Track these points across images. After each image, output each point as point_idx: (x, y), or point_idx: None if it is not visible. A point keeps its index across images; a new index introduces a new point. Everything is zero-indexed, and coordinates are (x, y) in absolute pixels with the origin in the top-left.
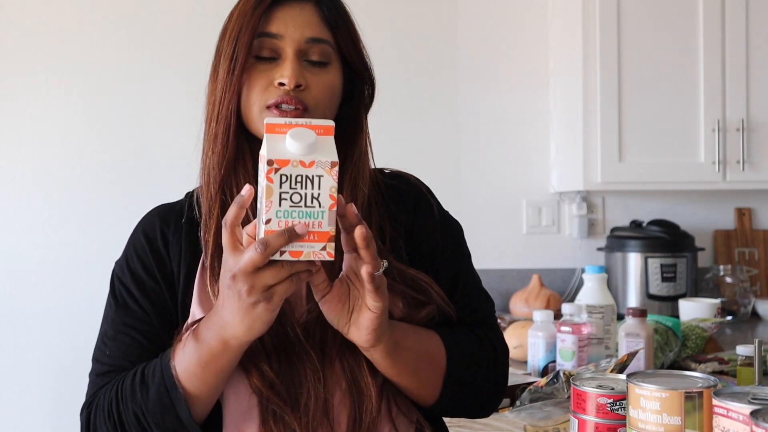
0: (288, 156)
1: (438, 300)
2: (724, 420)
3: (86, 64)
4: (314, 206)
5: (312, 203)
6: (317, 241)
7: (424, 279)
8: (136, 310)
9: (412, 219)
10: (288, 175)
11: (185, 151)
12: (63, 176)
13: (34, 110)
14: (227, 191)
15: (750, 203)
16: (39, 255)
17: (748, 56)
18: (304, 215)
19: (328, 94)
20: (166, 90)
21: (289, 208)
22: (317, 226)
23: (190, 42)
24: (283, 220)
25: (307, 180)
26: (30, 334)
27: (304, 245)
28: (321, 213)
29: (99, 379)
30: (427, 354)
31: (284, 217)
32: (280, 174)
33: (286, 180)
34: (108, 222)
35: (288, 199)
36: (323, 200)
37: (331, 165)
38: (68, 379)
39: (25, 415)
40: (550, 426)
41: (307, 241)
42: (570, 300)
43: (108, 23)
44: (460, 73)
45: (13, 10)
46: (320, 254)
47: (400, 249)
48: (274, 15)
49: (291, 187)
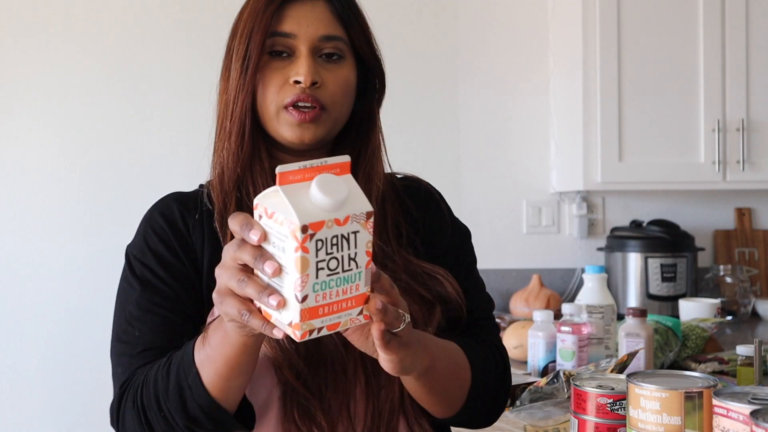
0: (321, 216)
1: (453, 295)
2: (724, 420)
3: (86, 65)
4: (351, 269)
5: (349, 266)
6: (354, 307)
7: (441, 273)
8: (162, 288)
9: (424, 216)
10: (324, 240)
11: (185, 152)
12: (63, 177)
13: (32, 112)
14: (242, 189)
15: (750, 203)
16: (39, 255)
17: (748, 56)
18: (341, 282)
19: (343, 90)
20: (165, 92)
21: (326, 278)
22: (354, 290)
23: (190, 41)
24: (321, 293)
25: (343, 240)
26: (30, 334)
27: (341, 315)
28: (358, 275)
29: (133, 360)
30: (456, 372)
31: (322, 289)
32: (316, 240)
33: (322, 246)
34: (108, 222)
35: (325, 267)
36: (360, 259)
37: (367, 216)
38: (68, 378)
39: (25, 415)
40: (550, 426)
41: (345, 309)
42: (570, 300)
43: (108, 24)
44: (461, 73)
45: (12, 11)
46: (357, 320)
47: (417, 243)
48: (286, 13)
49: (327, 253)
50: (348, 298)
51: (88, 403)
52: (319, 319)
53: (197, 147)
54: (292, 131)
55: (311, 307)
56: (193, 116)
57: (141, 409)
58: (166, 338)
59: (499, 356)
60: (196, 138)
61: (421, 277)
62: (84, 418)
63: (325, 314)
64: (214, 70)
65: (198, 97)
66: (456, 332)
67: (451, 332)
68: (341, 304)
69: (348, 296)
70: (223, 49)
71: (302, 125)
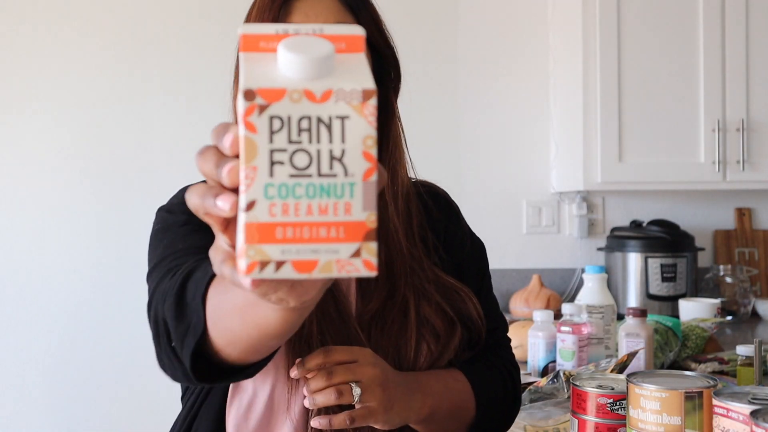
0: (282, 83)
1: (475, 315)
2: (724, 420)
3: (92, 66)
4: (335, 174)
5: (332, 168)
6: (344, 240)
7: (466, 291)
8: (189, 230)
9: (446, 225)
10: (283, 118)
11: (188, 153)
12: (65, 178)
13: (36, 113)
14: None
15: (750, 203)
16: (39, 256)
17: (748, 56)
18: (316, 192)
19: None
20: (169, 94)
21: (289, 181)
22: (342, 211)
23: (190, 44)
24: (280, 201)
25: (320, 126)
26: (32, 335)
27: (318, 249)
28: (348, 187)
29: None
30: (459, 409)
31: (281, 195)
32: (269, 117)
33: (281, 127)
34: (108, 223)
35: (286, 162)
36: (351, 162)
37: (364, 96)
38: (68, 379)
39: (25, 415)
40: (550, 426)
41: (324, 240)
42: (570, 300)
43: (108, 27)
44: (461, 73)
45: (13, 17)
46: (351, 265)
47: (440, 251)
48: (294, 6)
49: (291, 141)
50: (329, 222)
51: (88, 404)
52: (276, 245)
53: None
54: None
55: (262, 223)
56: (197, 117)
57: (151, 316)
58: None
59: (509, 380)
60: (200, 139)
61: (447, 291)
62: (84, 418)
63: (288, 240)
64: (218, 71)
65: (202, 99)
66: (473, 352)
67: (469, 351)
68: (317, 230)
69: (329, 218)
70: (225, 50)
71: None
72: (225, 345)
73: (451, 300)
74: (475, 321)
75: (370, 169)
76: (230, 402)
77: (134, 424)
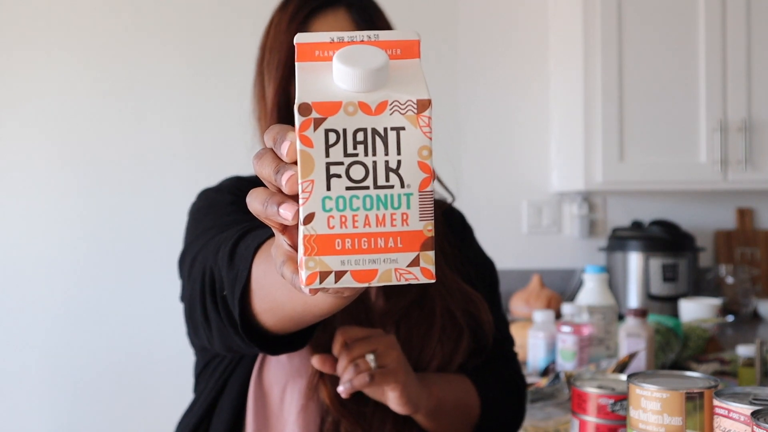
0: (337, 96)
1: (485, 321)
2: (725, 420)
3: (85, 62)
4: (392, 185)
5: (388, 180)
6: (400, 250)
7: (478, 297)
8: (231, 210)
9: (461, 245)
10: (340, 132)
11: (183, 151)
12: (63, 178)
13: (30, 110)
14: None
15: (751, 203)
16: (39, 255)
17: (750, 55)
18: (374, 204)
19: None
20: (164, 90)
21: (346, 193)
22: (399, 222)
23: (191, 43)
24: (338, 214)
25: (375, 138)
26: (30, 335)
27: (377, 259)
28: (405, 198)
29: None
30: (464, 409)
31: (339, 208)
32: (325, 130)
33: (337, 140)
34: (108, 224)
35: (343, 175)
36: (407, 173)
37: (419, 107)
38: (68, 379)
39: (25, 415)
40: (550, 427)
41: (382, 250)
42: (570, 300)
43: (109, 24)
44: (460, 73)
45: (12, 12)
46: (410, 273)
47: (457, 259)
48: (310, 27)
49: (347, 153)
50: (387, 233)
51: (88, 404)
52: (336, 256)
53: (196, 146)
54: None
55: (321, 235)
56: (192, 115)
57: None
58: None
59: (514, 388)
60: (195, 137)
61: (459, 296)
62: (84, 418)
63: (347, 251)
64: (214, 70)
65: (196, 96)
66: (480, 359)
67: (476, 358)
68: (375, 240)
69: (387, 229)
70: (223, 50)
71: None
72: (265, 310)
73: (467, 306)
74: (486, 327)
75: (426, 179)
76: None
77: (134, 423)
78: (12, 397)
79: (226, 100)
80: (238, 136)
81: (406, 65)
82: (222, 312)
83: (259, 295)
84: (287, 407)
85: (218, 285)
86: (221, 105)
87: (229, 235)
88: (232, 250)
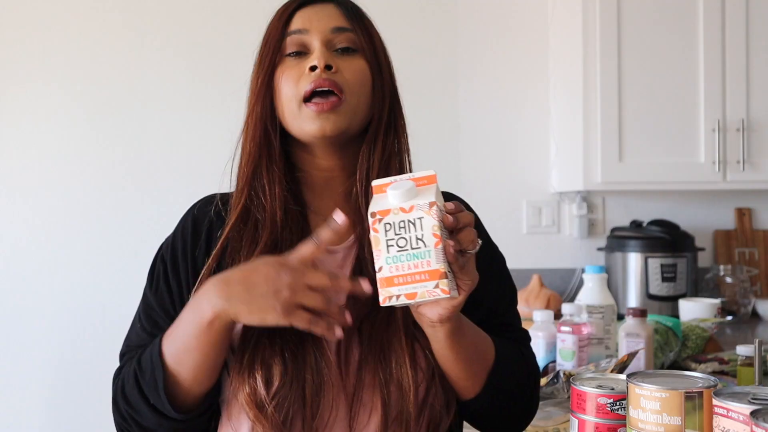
0: (389, 206)
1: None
2: (724, 420)
3: (88, 66)
4: (420, 247)
5: (417, 245)
6: (429, 280)
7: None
8: (163, 291)
9: None
10: (391, 223)
11: (185, 154)
12: (64, 178)
13: (36, 115)
14: (251, 192)
15: (750, 203)
16: (39, 256)
17: (749, 56)
18: (412, 257)
19: (360, 77)
20: (168, 94)
21: (397, 254)
22: (426, 266)
23: (192, 45)
24: (394, 265)
25: (409, 224)
26: (30, 335)
27: (417, 286)
28: (427, 252)
29: (128, 353)
30: (481, 347)
31: (394, 262)
32: (384, 223)
33: (390, 228)
34: (108, 224)
35: (395, 245)
36: (427, 240)
37: (429, 205)
38: (68, 379)
39: (25, 415)
40: (550, 426)
41: (419, 281)
42: (570, 300)
43: (110, 26)
44: (460, 73)
45: (14, 16)
46: (434, 292)
47: None
48: (298, 15)
49: (396, 233)
50: (420, 272)
51: (88, 404)
52: (395, 287)
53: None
54: (313, 123)
55: (386, 277)
56: (195, 119)
57: (118, 397)
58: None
59: (525, 367)
60: (197, 141)
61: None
62: (84, 418)
63: (401, 284)
64: (217, 75)
65: (199, 101)
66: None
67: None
68: (414, 276)
69: (420, 270)
70: (224, 54)
71: (321, 115)
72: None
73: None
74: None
75: (437, 242)
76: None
77: None
78: (12, 397)
79: (226, 103)
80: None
81: (428, 187)
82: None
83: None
84: None
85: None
86: (221, 108)
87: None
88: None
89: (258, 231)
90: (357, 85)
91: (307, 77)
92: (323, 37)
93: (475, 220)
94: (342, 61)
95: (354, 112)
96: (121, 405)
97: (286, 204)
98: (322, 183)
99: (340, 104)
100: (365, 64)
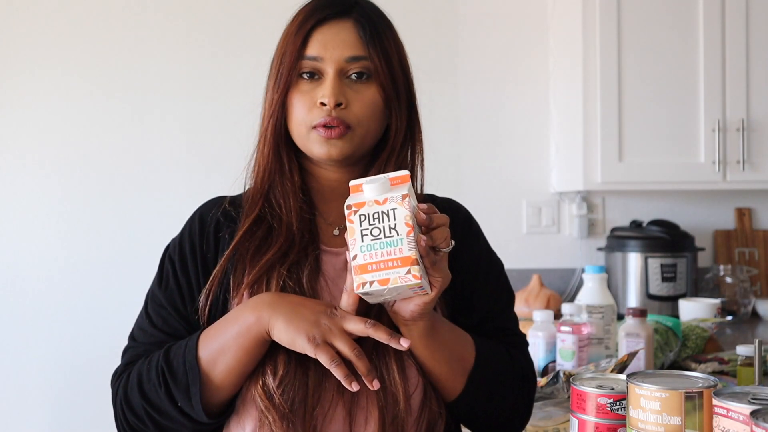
0: (363, 199)
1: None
2: (724, 420)
3: (88, 65)
4: (393, 236)
5: (390, 233)
6: (401, 267)
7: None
8: (174, 289)
9: (461, 246)
10: (365, 214)
11: (185, 154)
12: (64, 179)
13: (36, 114)
14: (266, 203)
15: (750, 203)
16: (40, 256)
17: (749, 56)
18: (385, 245)
19: (370, 109)
20: (166, 94)
21: (371, 242)
22: (398, 253)
23: (193, 46)
24: (368, 252)
25: (383, 215)
26: (30, 335)
27: (389, 272)
28: (400, 240)
29: (136, 348)
30: (458, 346)
31: (368, 250)
32: (359, 215)
33: (365, 219)
34: (109, 224)
35: (369, 234)
36: (400, 229)
37: (402, 197)
38: (68, 380)
39: (25, 415)
40: (550, 426)
41: (392, 267)
42: (570, 300)
43: (111, 25)
44: (460, 73)
45: (17, 15)
46: (406, 278)
47: (452, 261)
48: (315, 37)
49: (370, 224)
50: (393, 258)
51: (87, 404)
52: (369, 274)
53: (197, 150)
54: (320, 148)
55: (360, 264)
56: (193, 119)
57: (125, 401)
58: (168, 336)
59: (518, 370)
60: (197, 141)
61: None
62: (85, 418)
63: (374, 270)
64: (216, 72)
65: (198, 101)
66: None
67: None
68: (387, 263)
69: (392, 257)
70: (225, 53)
71: (329, 141)
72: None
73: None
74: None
75: (409, 230)
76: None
77: None
78: (12, 397)
79: (227, 100)
80: (239, 138)
81: (402, 185)
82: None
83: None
84: None
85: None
86: (221, 105)
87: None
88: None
89: (271, 236)
90: (366, 118)
91: (318, 111)
92: (337, 66)
93: (475, 227)
94: (354, 92)
95: (362, 140)
96: (136, 403)
97: (301, 214)
98: (331, 190)
99: (347, 133)
100: (378, 90)
